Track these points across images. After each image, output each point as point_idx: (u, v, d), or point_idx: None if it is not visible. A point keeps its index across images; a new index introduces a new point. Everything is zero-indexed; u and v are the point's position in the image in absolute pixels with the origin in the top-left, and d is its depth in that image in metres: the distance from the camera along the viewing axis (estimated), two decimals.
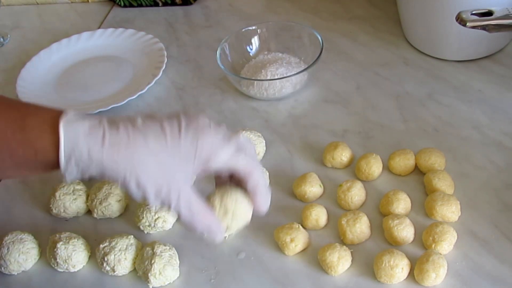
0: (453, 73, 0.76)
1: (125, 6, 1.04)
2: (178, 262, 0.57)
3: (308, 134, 0.71)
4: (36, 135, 0.42)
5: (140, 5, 1.03)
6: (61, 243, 0.58)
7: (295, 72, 0.75)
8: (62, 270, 0.59)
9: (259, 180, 0.47)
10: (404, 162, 0.62)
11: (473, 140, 0.66)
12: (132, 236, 0.59)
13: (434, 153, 0.62)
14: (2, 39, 1.01)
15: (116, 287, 0.58)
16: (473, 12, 0.60)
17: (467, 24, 0.59)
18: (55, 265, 0.59)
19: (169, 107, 0.79)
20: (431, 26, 0.76)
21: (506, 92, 0.72)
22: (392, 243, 0.56)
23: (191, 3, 1.02)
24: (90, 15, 1.05)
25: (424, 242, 0.55)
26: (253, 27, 0.83)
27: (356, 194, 0.60)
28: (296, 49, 0.82)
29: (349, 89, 0.77)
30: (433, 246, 0.54)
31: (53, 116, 0.42)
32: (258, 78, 0.76)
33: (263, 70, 0.77)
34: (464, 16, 0.60)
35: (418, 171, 0.63)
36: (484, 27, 0.59)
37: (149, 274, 0.55)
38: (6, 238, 0.60)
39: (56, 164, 0.42)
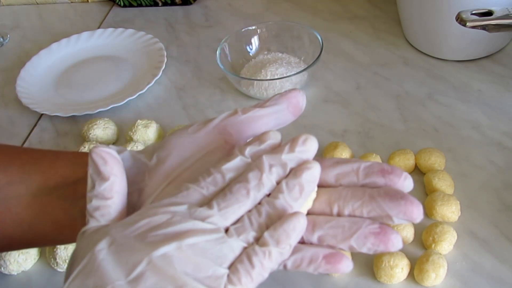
0: (453, 73, 0.76)
1: (125, 6, 1.04)
2: None
3: None
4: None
5: (140, 5, 1.03)
6: None
7: (295, 72, 0.75)
8: (62, 270, 0.59)
9: None
10: (404, 162, 0.62)
11: (473, 140, 0.66)
12: None
13: (434, 153, 0.62)
14: (1, 39, 1.01)
15: None
16: (473, 12, 0.60)
17: (467, 24, 0.59)
18: (55, 265, 0.59)
19: (169, 107, 0.79)
20: (431, 26, 0.76)
21: (506, 92, 0.72)
22: None
23: (191, 3, 1.02)
24: (90, 15, 1.05)
25: (424, 242, 0.55)
26: (253, 27, 0.83)
27: None
28: (296, 49, 0.82)
29: (349, 89, 0.77)
30: (433, 246, 0.54)
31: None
32: (258, 78, 0.76)
33: (263, 70, 0.77)
34: (464, 16, 0.60)
35: (418, 171, 0.63)
36: (484, 27, 0.59)
37: None
38: None
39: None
